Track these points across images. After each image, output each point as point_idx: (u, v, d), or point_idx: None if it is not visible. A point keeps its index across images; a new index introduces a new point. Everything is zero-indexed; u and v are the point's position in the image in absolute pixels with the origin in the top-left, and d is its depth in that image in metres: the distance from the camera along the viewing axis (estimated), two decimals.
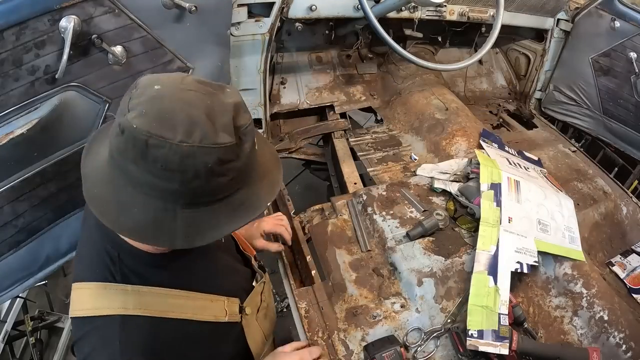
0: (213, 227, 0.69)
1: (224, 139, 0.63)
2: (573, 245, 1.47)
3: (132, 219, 0.66)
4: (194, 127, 0.61)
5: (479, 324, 1.18)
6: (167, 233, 0.67)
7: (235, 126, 0.65)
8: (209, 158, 0.62)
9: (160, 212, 0.66)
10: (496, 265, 1.29)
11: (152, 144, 0.60)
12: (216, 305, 0.92)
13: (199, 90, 0.66)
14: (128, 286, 0.78)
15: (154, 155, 0.61)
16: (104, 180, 0.68)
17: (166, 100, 0.63)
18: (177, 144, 0.60)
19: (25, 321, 2.27)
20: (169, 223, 0.66)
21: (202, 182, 0.64)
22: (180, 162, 0.61)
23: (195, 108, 0.63)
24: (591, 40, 2.17)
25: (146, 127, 0.60)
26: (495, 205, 1.42)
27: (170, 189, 0.64)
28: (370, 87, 2.33)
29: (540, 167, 1.83)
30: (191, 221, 0.67)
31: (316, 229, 1.54)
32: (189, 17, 1.32)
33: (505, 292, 1.26)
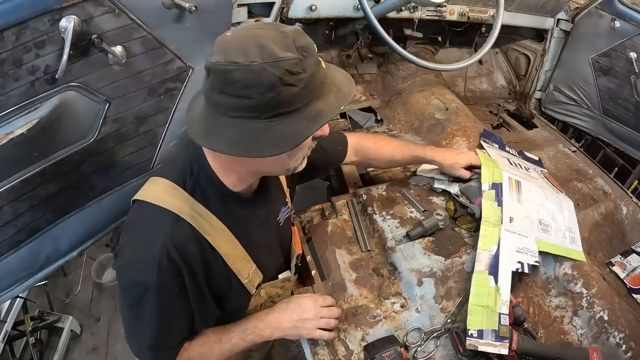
0: (296, 133, 0.80)
1: (288, 55, 0.75)
2: (574, 245, 1.47)
3: (225, 137, 0.79)
4: (260, 49, 0.74)
5: (479, 324, 1.18)
6: (256, 144, 0.79)
7: (296, 46, 0.76)
8: (278, 71, 0.74)
9: (248, 128, 0.78)
10: (497, 264, 1.29)
11: (230, 70, 0.74)
12: (245, 264, 1.05)
13: (264, 27, 0.80)
14: (191, 198, 0.92)
15: (233, 78, 0.74)
16: (202, 118, 0.83)
17: (238, 38, 0.77)
18: (249, 64, 0.73)
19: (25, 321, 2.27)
20: (256, 135, 0.78)
21: (276, 92, 0.75)
22: (254, 78, 0.73)
23: (260, 37, 0.76)
24: (591, 40, 2.17)
25: (223, 59, 0.75)
26: (496, 205, 1.42)
27: (251, 104, 0.76)
28: (370, 87, 2.33)
29: (541, 168, 1.83)
30: (276, 131, 0.78)
31: (316, 229, 1.54)
32: (189, 17, 1.32)
33: (506, 291, 1.26)
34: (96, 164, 1.35)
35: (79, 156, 1.28)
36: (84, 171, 1.32)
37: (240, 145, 0.79)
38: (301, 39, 0.79)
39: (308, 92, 0.79)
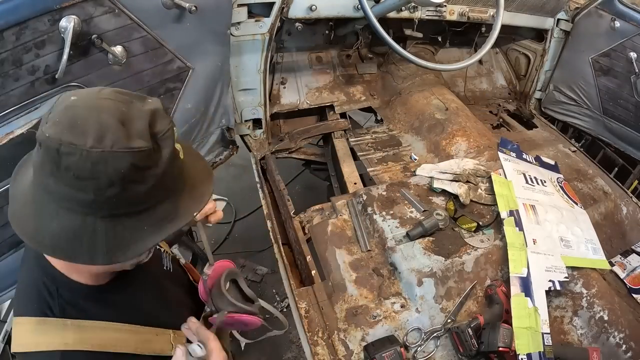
0: (136, 240, 0.65)
1: (138, 144, 0.60)
2: (597, 255, 1.53)
3: (50, 234, 0.63)
4: (105, 132, 0.59)
5: (526, 347, 1.20)
6: (87, 248, 0.63)
7: (152, 132, 0.63)
8: (122, 164, 0.59)
9: (79, 226, 0.62)
10: (530, 286, 1.32)
11: (64, 152, 0.58)
12: (162, 338, 0.87)
13: (115, 99, 0.64)
14: (68, 321, 0.75)
15: (66, 164, 0.59)
16: (27, 200, 0.66)
17: (79, 109, 0.61)
18: (87, 150, 0.58)
19: None
20: (88, 237, 0.63)
21: (117, 190, 0.60)
22: (91, 168, 0.59)
23: (108, 114, 0.61)
24: (591, 40, 2.17)
25: (58, 135, 0.58)
26: (517, 230, 1.45)
27: (86, 199, 0.61)
28: (370, 87, 2.33)
29: (558, 174, 1.85)
30: (112, 234, 0.64)
31: (316, 229, 1.54)
32: (189, 17, 1.32)
33: (544, 311, 1.29)
34: None
35: None
36: None
37: (68, 247, 0.63)
38: (160, 123, 0.64)
39: (157, 191, 0.65)
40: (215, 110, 1.71)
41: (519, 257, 1.38)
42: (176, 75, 1.42)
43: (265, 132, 1.99)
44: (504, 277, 1.40)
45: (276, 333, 1.08)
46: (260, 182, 1.85)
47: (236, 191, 3.15)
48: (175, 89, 1.44)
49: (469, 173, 1.64)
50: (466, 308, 1.34)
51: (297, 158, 2.19)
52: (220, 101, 1.71)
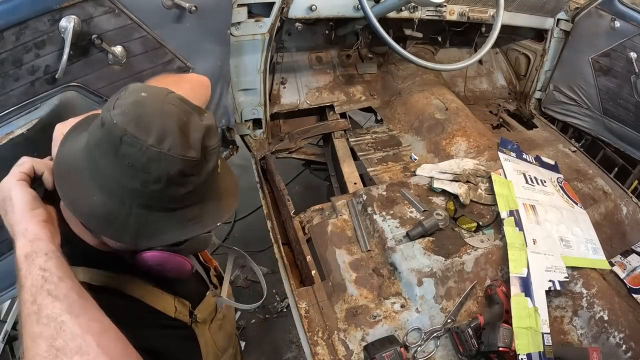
0: (161, 233, 0.71)
1: (190, 154, 0.67)
2: (597, 255, 1.53)
3: (89, 205, 0.68)
4: (166, 135, 0.65)
5: (526, 347, 1.20)
6: (118, 227, 0.69)
7: (203, 145, 0.70)
8: (172, 167, 0.66)
9: (117, 206, 0.68)
10: (530, 286, 1.32)
11: (125, 141, 0.64)
12: (165, 299, 0.89)
13: (179, 107, 0.71)
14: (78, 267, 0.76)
15: (125, 152, 0.65)
16: (76, 166, 0.71)
17: (148, 107, 0.68)
18: (147, 147, 0.64)
19: None
20: (122, 218, 0.69)
21: (160, 187, 0.67)
22: (146, 163, 0.65)
23: (171, 120, 0.68)
24: (591, 40, 2.17)
25: (124, 125, 0.64)
26: (517, 230, 1.46)
27: (131, 186, 0.67)
28: (370, 87, 2.33)
29: (558, 174, 1.85)
30: (143, 222, 0.69)
31: (316, 229, 1.54)
32: (189, 17, 1.32)
33: (544, 311, 1.29)
34: None
35: None
36: None
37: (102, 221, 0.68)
38: (212, 139, 0.71)
39: (192, 197, 0.71)
40: (215, 110, 1.72)
41: (519, 257, 1.39)
42: None
43: (265, 132, 1.99)
44: (504, 277, 1.40)
45: (253, 306, 1.05)
46: (260, 182, 1.85)
47: None
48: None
49: (469, 173, 1.64)
50: (466, 308, 1.34)
51: (297, 158, 2.19)
52: (221, 101, 1.71)
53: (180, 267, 0.83)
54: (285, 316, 2.46)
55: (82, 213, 0.69)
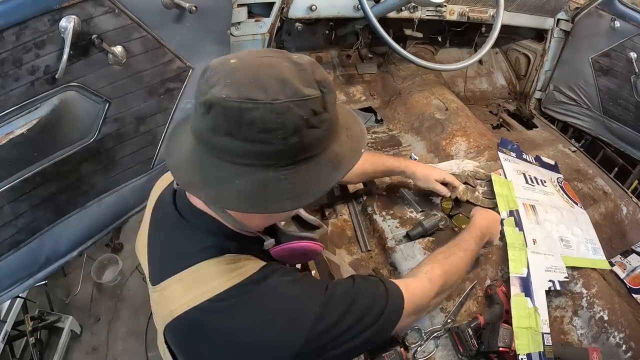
0: (317, 182, 0.69)
1: (311, 92, 0.64)
2: (597, 255, 1.53)
3: (235, 190, 0.65)
4: (282, 85, 0.62)
5: (526, 347, 1.19)
6: (273, 197, 0.66)
7: (316, 80, 0.67)
8: (304, 111, 0.63)
9: (263, 178, 0.65)
10: (530, 286, 1.32)
11: (246, 108, 0.61)
12: None
13: (275, 56, 0.68)
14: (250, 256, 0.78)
15: (250, 119, 0.61)
16: (195, 167, 0.68)
17: (249, 68, 0.65)
18: (270, 103, 0.61)
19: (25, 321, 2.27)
20: (273, 187, 0.65)
21: (300, 136, 0.64)
22: (277, 119, 0.62)
23: (278, 69, 0.64)
24: (591, 40, 2.17)
25: (236, 93, 0.61)
26: (517, 230, 1.46)
27: (269, 151, 0.64)
28: (370, 87, 2.33)
29: (558, 174, 1.85)
30: (295, 180, 0.66)
31: None
32: (189, 17, 1.32)
33: (544, 311, 1.29)
34: (96, 164, 1.35)
35: (79, 156, 1.28)
36: (84, 171, 1.32)
37: (253, 199, 0.65)
38: (319, 72, 0.68)
39: (328, 134, 0.69)
40: None
41: (519, 257, 1.39)
42: (176, 75, 1.42)
43: None
44: (504, 277, 1.40)
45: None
46: None
47: None
48: (175, 89, 1.44)
49: (468, 175, 1.64)
50: (466, 308, 1.34)
51: None
52: None
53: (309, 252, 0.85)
54: None
55: (231, 202, 0.67)
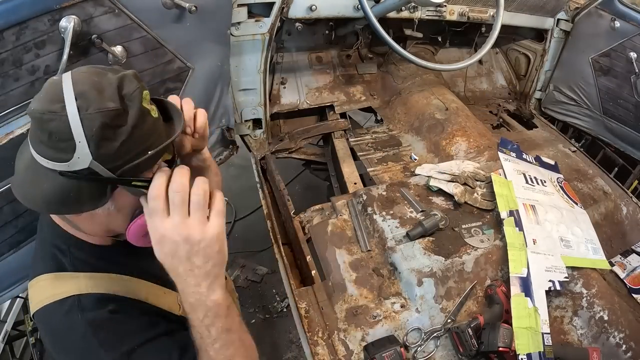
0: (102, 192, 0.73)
1: (108, 105, 0.68)
2: (597, 255, 1.53)
3: (41, 193, 0.72)
4: (80, 98, 0.68)
5: (526, 347, 1.20)
6: (74, 201, 0.72)
7: (120, 95, 0.71)
8: (93, 123, 0.67)
9: (66, 182, 0.71)
10: (530, 286, 1.32)
11: (46, 119, 0.68)
12: (169, 297, 0.93)
13: (89, 72, 0.73)
14: (80, 274, 0.83)
15: (49, 129, 0.68)
16: (24, 170, 0.75)
17: (57, 84, 0.70)
18: (64, 114, 0.66)
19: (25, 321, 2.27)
20: (75, 191, 0.71)
21: (93, 147, 0.68)
22: (68, 130, 0.67)
23: (82, 84, 0.69)
24: (591, 40, 2.17)
25: (40, 106, 0.68)
26: (517, 230, 1.45)
27: (67, 157, 0.69)
28: (370, 87, 2.33)
29: (558, 174, 1.85)
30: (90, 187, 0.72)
31: (316, 229, 1.54)
32: (189, 17, 1.32)
33: (544, 311, 1.29)
34: None
35: None
36: None
37: (57, 202, 0.72)
38: (126, 87, 0.72)
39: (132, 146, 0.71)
40: (215, 110, 1.71)
41: (519, 257, 1.39)
42: (176, 75, 1.42)
43: (265, 132, 1.99)
44: (504, 277, 1.40)
45: None
46: (260, 182, 1.85)
47: (236, 191, 3.16)
48: (175, 89, 1.44)
49: (467, 176, 1.64)
50: (466, 308, 1.35)
51: (297, 158, 2.19)
52: (220, 101, 1.70)
53: None
54: (285, 316, 2.46)
55: (37, 203, 0.73)
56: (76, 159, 0.69)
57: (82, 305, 0.79)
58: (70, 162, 0.69)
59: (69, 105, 0.67)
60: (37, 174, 0.72)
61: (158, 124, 0.77)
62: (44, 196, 0.72)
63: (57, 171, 0.70)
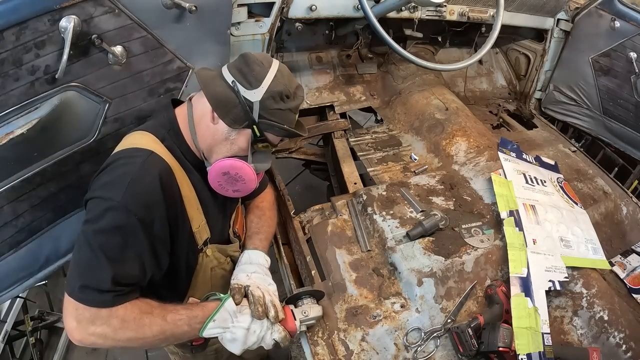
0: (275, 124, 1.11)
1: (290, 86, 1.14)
2: (597, 255, 1.53)
3: (214, 89, 1.08)
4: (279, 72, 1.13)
5: (526, 347, 1.20)
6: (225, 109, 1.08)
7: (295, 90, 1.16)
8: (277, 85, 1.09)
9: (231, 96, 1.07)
10: (530, 286, 1.32)
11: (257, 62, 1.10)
12: (197, 214, 1.16)
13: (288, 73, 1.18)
14: (166, 149, 1.08)
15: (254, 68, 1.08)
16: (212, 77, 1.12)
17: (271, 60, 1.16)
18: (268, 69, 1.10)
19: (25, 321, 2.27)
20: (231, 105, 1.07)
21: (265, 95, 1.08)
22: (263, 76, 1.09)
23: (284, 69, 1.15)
24: (591, 40, 2.17)
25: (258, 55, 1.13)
26: (517, 230, 1.45)
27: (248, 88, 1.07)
28: (370, 87, 2.33)
29: (558, 174, 1.85)
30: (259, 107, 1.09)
31: (316, 229, 1.54)
32: (189, 17, 1.32)
33: (544, 311, 1.29)
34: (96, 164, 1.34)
35: (79, 156, 1.28)
36: (83, 171, 1.32)
37: (216, 98, 1.07)
38: (300, 90, 1.16)
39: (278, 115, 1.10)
40: None
41: (519, 257, 1.39)
42: (176, 75, 1.42)
43: None
44: (504, 277, 1.41)
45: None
46: None
47: None
48: (175, 89, 1.44)
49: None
50: (466, 308, 1.35)
51: (297, 158, 2.19)
52: None
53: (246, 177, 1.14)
54: None
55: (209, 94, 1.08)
56: (252, 92, 1.06)
57: (149, 159, 1.02)
58: (248, 91, 1.06)
59: (273, 68, 1.08)
60: (219, 80, 1.08)
61: (296, 120, 1.17)
62: (215, 92, 1.07)
63: (235, 89, 1.06)
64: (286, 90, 1.08)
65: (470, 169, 1.76)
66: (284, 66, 1.12)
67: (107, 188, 0.96)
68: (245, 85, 1.05)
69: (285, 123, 1.11)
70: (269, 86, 1.05)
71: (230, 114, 1.07)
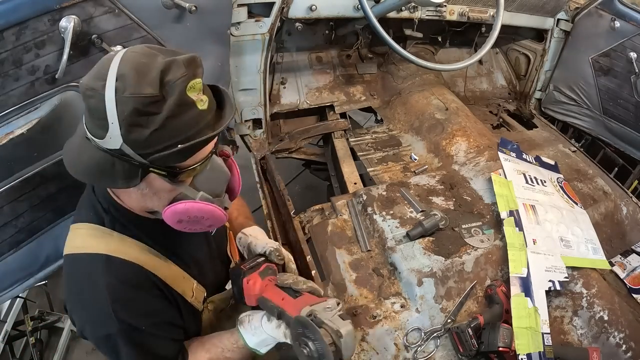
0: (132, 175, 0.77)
1: (144, 91, 0.68)
2: (597, 255, 1.53)
3: (82, 164, 0.77)
4: (119, 79, 0.68)
5: (526, 347, 1.20)
6: (108, 175, 0.75)
7: (162, 80, 0.69)
8: (126, 107, 0.67)
9: (102, 157, 0.74)
10: (530, 286, 1.32)
11: (87, 95, 0.70)
12: (186, 283, 0.99)
13: (141, 52, 0.72)
14: (115, 233, 0.88)
15: (89, 105, 0.71)
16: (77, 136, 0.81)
17: (109, 60, 0.71)
18: (102, 94, 0.68)
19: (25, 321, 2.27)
20: (109, 167, 0.74)
21: (123, 132, 0.69)
22: (102, 110, 0.69)
23: (127, 64, 0.69)
24: (591, 40, 2.17)
25: (86, 81, 0.71)
26: (517, 230, 1.45)
27: (103, 136, 0.72)
28: (370, 87, 2.33)
29: (558, 174, 1.85)
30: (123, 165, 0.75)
31: (316, 229, 1.54)
32: (189, 17, 1.32)
33: (544, 311, 1.29)
34: None
35: None
36: None
37: (91, 172, 0.76)
38: (173, 72, 0.69)
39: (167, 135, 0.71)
40: None
41: (519, 257, 1.39)
42: None
43: (265, 132, 1.99)
44: (504, 277, 1.40)
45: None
46: (260, 182, 1.85)
47: None
48: None
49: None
50: (466, 308, 1.35)
51: (297, 158, 2.19)
52: None
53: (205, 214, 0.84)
54: None
55: (77, 172, 0.78)
56: (108, 139, 0.71)
57: (107, 267, 0.85)
58: (104, 141, 0.72)
59: (108, 85, 0.68)
60: (83, 143, 0.76)
61: (203, 116, 0.74)
62: (84, 166, 0.77)
63: (94, 144, 0.74)
64: (146, 97, 0.67)
65: (470, 169, 1.76)
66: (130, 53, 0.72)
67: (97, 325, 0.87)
68: (98, 134, 0.72)
69: (180, 138, 0.72)
70: (118, 113, 0.68)
71: (115, 176, 0.75)
